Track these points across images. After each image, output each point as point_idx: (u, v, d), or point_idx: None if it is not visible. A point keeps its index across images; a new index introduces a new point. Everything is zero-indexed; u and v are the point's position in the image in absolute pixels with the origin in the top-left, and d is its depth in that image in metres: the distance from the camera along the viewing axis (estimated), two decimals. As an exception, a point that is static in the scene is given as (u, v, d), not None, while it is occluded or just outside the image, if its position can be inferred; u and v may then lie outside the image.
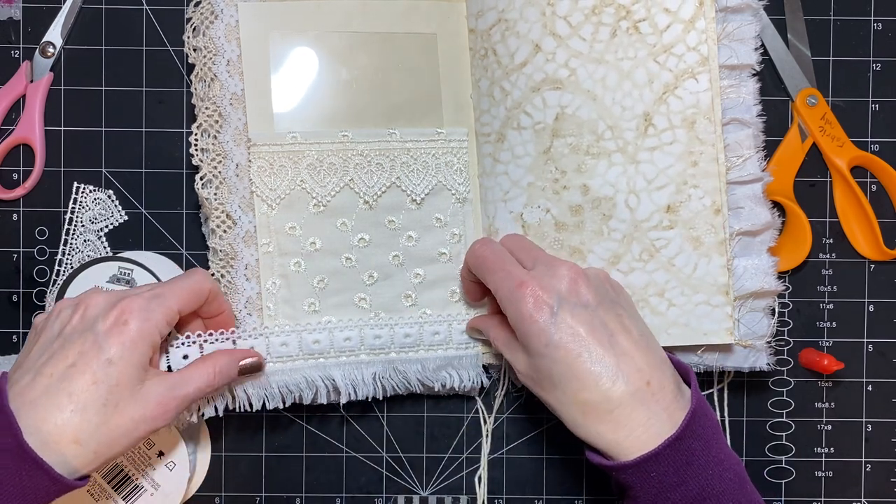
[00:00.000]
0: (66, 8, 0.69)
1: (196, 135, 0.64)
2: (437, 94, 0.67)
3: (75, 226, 0.69)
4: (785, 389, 0.71)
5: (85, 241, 0.69)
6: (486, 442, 0.71)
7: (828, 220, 0.71)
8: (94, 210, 0.70)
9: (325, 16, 0.66)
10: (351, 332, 0.65)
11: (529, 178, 0.64)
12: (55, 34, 0.70)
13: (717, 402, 0.70)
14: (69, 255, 0.69)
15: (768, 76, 0.70)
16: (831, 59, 0.71)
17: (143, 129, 0.70)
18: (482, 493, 0.71)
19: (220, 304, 0.62)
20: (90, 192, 0.70)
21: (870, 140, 0.71)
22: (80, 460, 0.53)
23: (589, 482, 0.71)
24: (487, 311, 0.67)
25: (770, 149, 0.68)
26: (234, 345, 0.62)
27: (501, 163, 0.65)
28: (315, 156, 0.65)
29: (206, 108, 0.65)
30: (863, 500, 0.71)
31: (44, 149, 0.70)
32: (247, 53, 0.65)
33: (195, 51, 0.65)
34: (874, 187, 0.71)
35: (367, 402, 0.70)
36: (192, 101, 0.65)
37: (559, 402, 0.55)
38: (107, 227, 0.70)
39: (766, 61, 0.70)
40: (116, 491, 0.64)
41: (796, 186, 0.70)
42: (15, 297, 0.70)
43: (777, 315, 0.65)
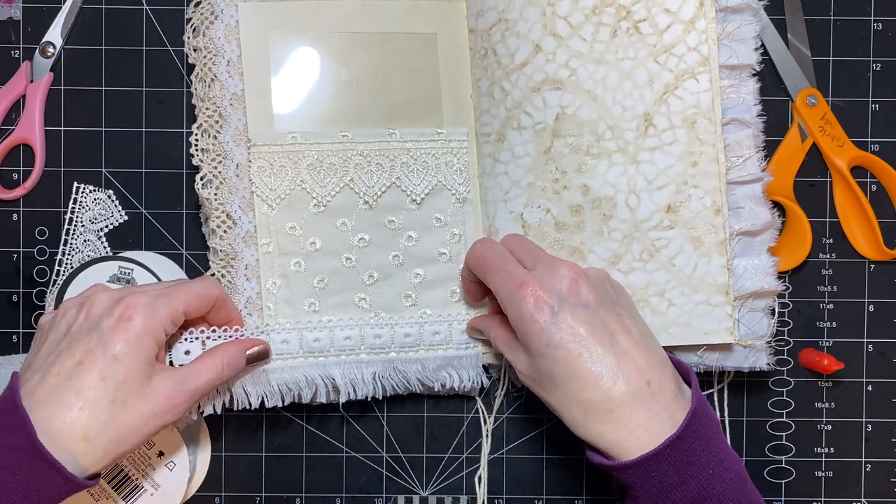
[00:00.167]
0: (66, 8, 0.69)
1: (196, 135, 0.64)
2: (437, 94, 0.67)
3: (75, 226, 0.69)
4: (785, 389, 0.71)
5: (85, 241, 0.69)
6: (486, 442, 0.71)
7: (828, 220, 0.71)
8: (94, 210, 0.70)
9: (325, 16, 0.66)
10: (351, 331, 0.66)
11: (529, 178, 0.64)
12: (55, 34, 0.70)
13: (717, 402, 0.70)
14: (69, 255, 0.69)
15: (768, 76, 0.70)
16: (831, 59, 0.71)
17: (143, 129, 0.70)
18: (482, 493, 0.71)
19: (228, 311, 0.62)
20: (90, 192, 0.70)
21: (870, 140, 0.71)
22: (90, 458, 0.53)
23: (589, 482, 0.71)
24: (488, 311, 0.67)
25: (770, 149, 0.68)
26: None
27: (501, 163, 0.65)
28: (315, 156, 0.65)
29: (207, 109, 0.65)
30: (863, 500, 0.71)
31: (44, 149, 0.70)
32: (247, 54, 0.65)
33: (195, 51, 0.65)
34: (874, 187, 0.71)
35: (367, 402, 0.70)
36: (193, 102, 0.65)
37: (560, 401, 0.55)
38: (107, 227, 0.70)
39: (766, 61, 0.70)
40: (116, 491, 0.64)
41: (796, 186, 0.70)
42: (15, 297, 0.70)
43: (777, 315, 0.65)
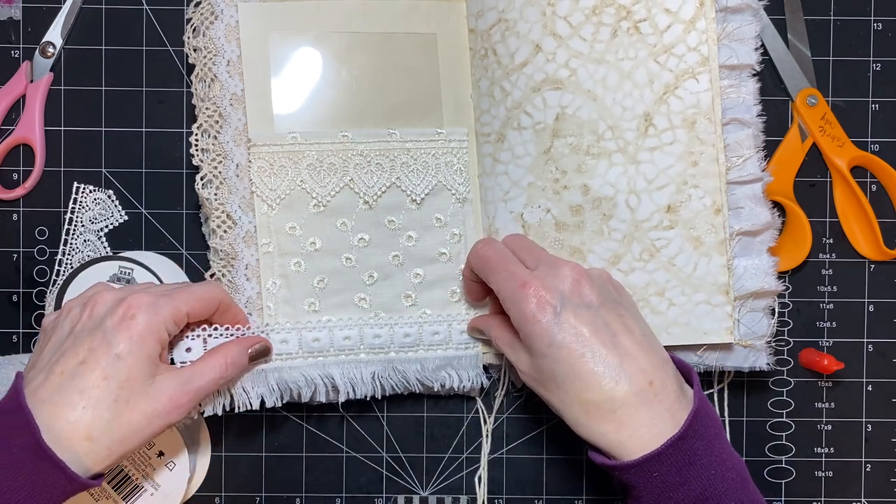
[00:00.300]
0: (66, 8, 0.69)
1: (196, 135, 0.64)
2: (437, 94, 0.67)
3: (75, 226, 0.69)
4: (785, 389, 0.71)
5: (85, 241, 0.69)
6: (486, 442, 0.71)
7: (828, 220, 0.71)
8: (94, 210, 0.70)
9: (325, 16, 0.66)
10: (350, 330, 0.66)
11: (530, 178, 0.64)
12: (55, 34, 0.70)
13: (717, 402, 0.70)
14: (69, 255, 0.69)
15: (768, 76, 0.70)
16: (831, 59, 0.71)
17: (143, 129, 0.70)
18: (482, 493, 0.71)
19: (233, 315, 0.62)
20: (90, 192, 0.70)
21: (870, 140, 0.71)
22: (93, 457, 0.53)
23: (589, 482, 0.71)
24: (489, 311, 0.67)
25: (770, 149, 0.68)
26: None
27: (501, 163, 0.65)
28: (315, 156, 0.65)
29: (207, 109, 0.65)
30: (863, 500, 0.71)
31: (44, 149, 0.70)
32: (247, 54, 0.65)
33: (195, 51, 0.65)
34: (874, 187, 0.71)
35: (367, 402, 0.70)
36: (193, 102, 0.65)
37: (562, 402, 0.55)
38: (107, 227, 0.70)
39: (766, 61, 0.70)
40: (116, 491, 0.64)
41: (796, 186, 0.70)
42: (15, 297, 0.70)
43: (777, 315, 0.65)
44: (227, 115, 0.65)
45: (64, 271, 0.69)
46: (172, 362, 0.60)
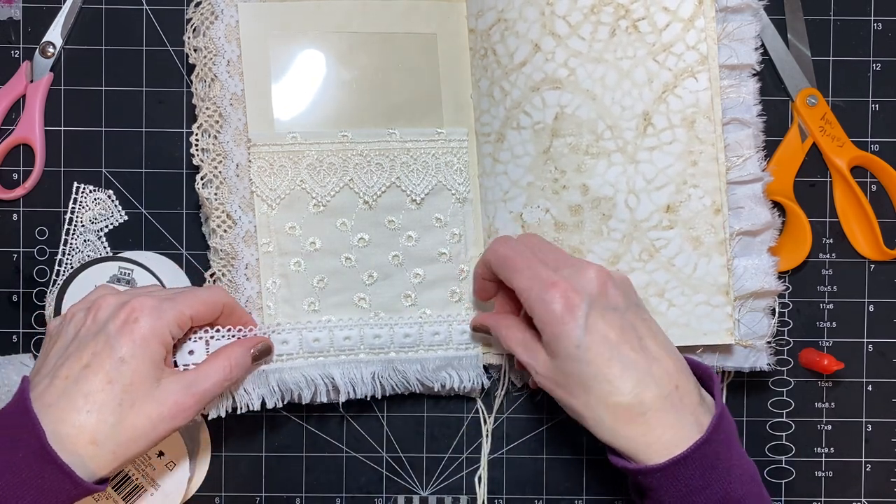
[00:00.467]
0: (66, 8, 0.70)
1: (197, 135, 0.64)
2: (437, 94, 0.67)
3: (75, 226, 0.70)
4: (785, 389, 0.71)
5: (85, 241, 0.69)
6: (486, 442, 0.71)
7: (828, 220, 0.71)
8: (94, 210, 0.70)
9: (325, 16, 0.66)
10: (351, 331, 0.66)
11: (529, 177, 0.64)
12: (55, 34, 0.70)
13: (717, 403, 0.70)
14: (69, 255, 0.69)
15: (768, 76, 0.70)
16: (831, 59, 0.71)
17: (143, 129, 0.70)
18: (482, 493, 0.71)
19: (238, 318, 0.62)
20: (90, 192, 0.70)
21: (870, 140, 0.71)
22: (98, 462, 0.53)
23: (589, 482, 0.71)
24: (495, 310, 0.66)
25: (770, 149, 0.68)
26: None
27: (501, 163, 0.65)
28: (315, 156, 0.65)
29: (207, 109, 0.65)
30: (863, 500, 0.71)
31: (44, 149, 0.70)
32: (247, 54, 0.65)
33: (195, 51, 0.65)
34: (874, 187, 0.71)
35: (367, 402, 0.70)
36: (193, 102, 0.65)
37: (586, 405, 0.54)
38: (107, 227, 0.70)
39: (766, 61, 0.70)
40: (117, 491, 0.64)
41: (796, 186, 0.70)
42: (15, 297, 0.70)
43: (777, 315, 0.65)
44: (227, 115, 0.65)
45: (64, 271, 0.69)
46: (175, 365, 0.60)
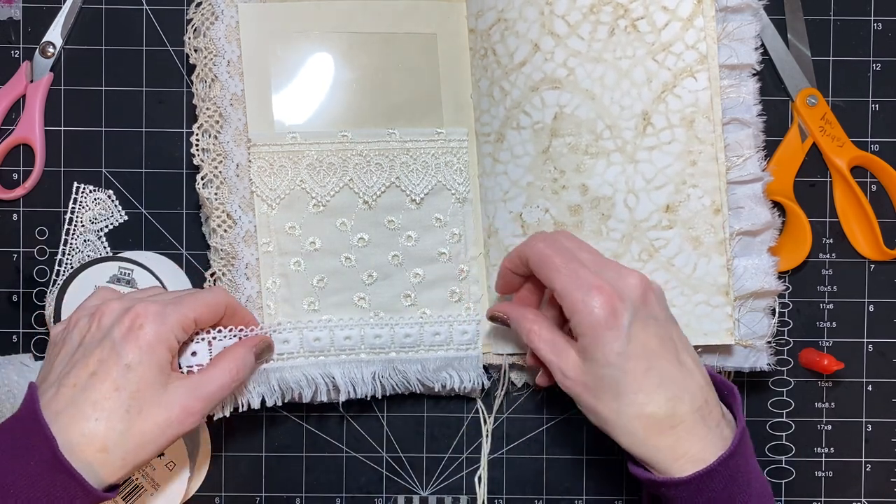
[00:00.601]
0: (66, 8, 0.70)
1: (197, 135, 0.64)
2: (437, 94, 0.67)
3: (75, 226, 0.70)
4: (785, 389, 0.71)
5: (85, 241, 0.70)
6: (486, 442, 0.71)
7: (828, 220, 0.71)
8: (94, 210, 0.70)
9: (325, 16, 0.66)
10: (351, 330, 0.66)
11: (529, 177, 0.64)
12: (55, 34, 0.70)
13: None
14: (69, 255, 0.69)
15: (768, 76, 0.70)
16: (831, 59, 0.71)
17: (143, 129, 0.70)
18: (482, 493, 0.71)
19: (241, 318, 0.62)
20: (90, 192, 0.70)
21: (870, 140, 0.71)
22: (108, 469, 0.52)
23: (589, 482, 0.71)
24: (515, 301, 0.63)
25: (770, 149, 0.68)
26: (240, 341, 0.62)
27: (501, 163, 0.65)
28: (315, 156, 0.65)
29: (207, 109, 0.65)
30: (863, 500, 0.71)
31: (44, 149, 0.70)
32: (247, 54, 0.65)
33: (196, 51, 0.65)
34: (874, 187, 0.71)
35: (367, 402, 0.70)
36: (193, 102, 0.65)
37: (617, 413, 0.54)
38: (107, 227, 0.70)
39: (766, 61, 0.70)
40: (116, 491, 0.64)
41: (796, 186, 0.70)
42: (15, 297, 0.70)
43: (777, 315, 0.65)
44: (227, 115, 0.65)
45: (64, 271, 0.69)
46: (179, 367, 0.60)
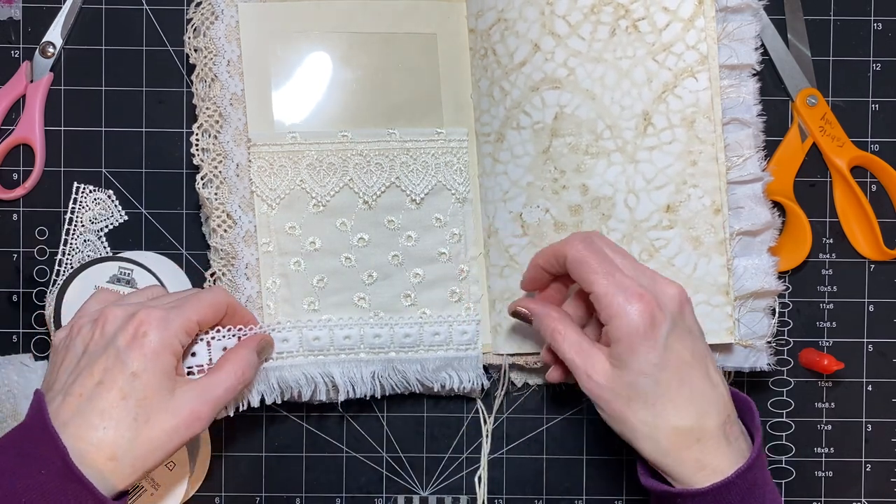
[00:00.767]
0: (66, 8, 0.70)
1: (197, 135, 0.64)
2: (437, 94, 0.67)
3: (75, 226, 0.70)
4: (785, 389, 0.71)
5: (85, 241, 0.70)
6: (486, 442, 0.71)
7: (828, 220, 0.71)
8: (94, 210, 0.70)
9: (325, 16, 0.66)
10: (350, 330, 0.66)
11: (529, 177, 0.64)
12: (55, 34, 0.70)
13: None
14: (69, 255, 0.69)
15: (768, 76, 0.70)
16: (831, 59, 0.71)
17: (143, 129, 0.70)
18: (482, 493, 0.71)
19: (241, 317, 0.62)
20: (90, 192, 0.70)
21: (870, 140, 0.71)
22: (117, 476, 0.52)
23: (589, 482, 0.71)
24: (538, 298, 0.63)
25: (770, 149, 0.68)
26: (239, 340, 0.62)
27: (501, 163, 0.65)
28: (315, 156, 0.65)
29: (207, 109, 0.65)
30: (863, 500, 0.71)
31: (44, 149, 0.70)
32: (247, 54, 0.65)
33: (196, 51, 0.65)
34: (874, 187, 0.71)
35: (366, 402, 0.70)
36: (193, 102, 0.65)
37: (644, 422, 0.54)
38: (107, 227, 0.70)
39: (766, 61, 0.70)
40: (116, 491, 0.64)
41: (796, 186, 0.70)
42: (15, 297, 0.70)
43: (777, 315, 0.65)
44: (227, 115, 0.65)
45: (64, 271, 0.69)
46: None
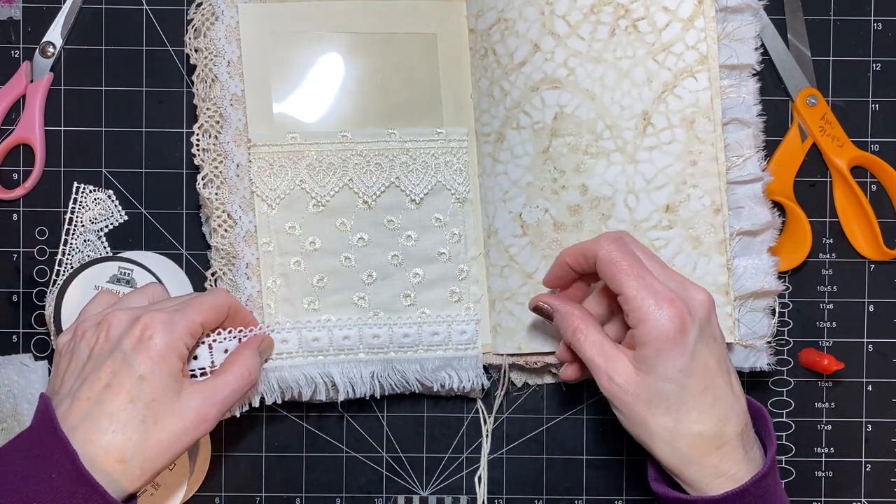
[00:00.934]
0: (66, 8, 0.70)
1: (197, 135, 0.64)
2: (437, 94, 0.67)
3: (75, 226, 0.70)
4: (785, 389, 0.71)
5: (85, 241, 0.70)
6: (486, 442, 0.71)
7: (828, 220, 0.71)
8: (94, 210, 0.70)
9: (324, 16, 0.66)
10: (350, 330, 0.66)
11: (528, 177, 0.64)
12: (55, 34, 0.70)
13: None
14: (69, 255, 0.69)
15: (768, 76, 0.70)
16: (831, 59, 0.71)
17: (143, 129, 0.70)
18: (482, 493, 0.71)
19: (243, 318, 0.62)
20: (90, 192, 0.70)
21: (870, 140, 0.71)
22: (127, 479, 0.52)
23: (589, 482, 0.71)
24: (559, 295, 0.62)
25: (770, 149, 0.68)
26: (240, 342, 0.62)
27: (501, 162, 0.65)
28: (314, 156, 0.65)
29: (207, 109, 0.65)
30: (863, 500, 0.71)
31: (44, 149, 0.70)
32: (247, 54, 0.65)
33: (196, 52, 0.65)
34: (874, 187, 0.71)
35: (366, 402, 0.70)
36: (194, 102, 0.65)
37: (665, 427, 0.54)
38: (107, 227, 0.70)
39: (766, 61, 0.70)
40: (116, 491, 0.64)
41: (796, 186, 0.70)
42: (15, 297, 0.70)
43: (777, 315, 0.65)
44: (227, 116, 0.65)
45: (64, 271, 0.69)
46: None
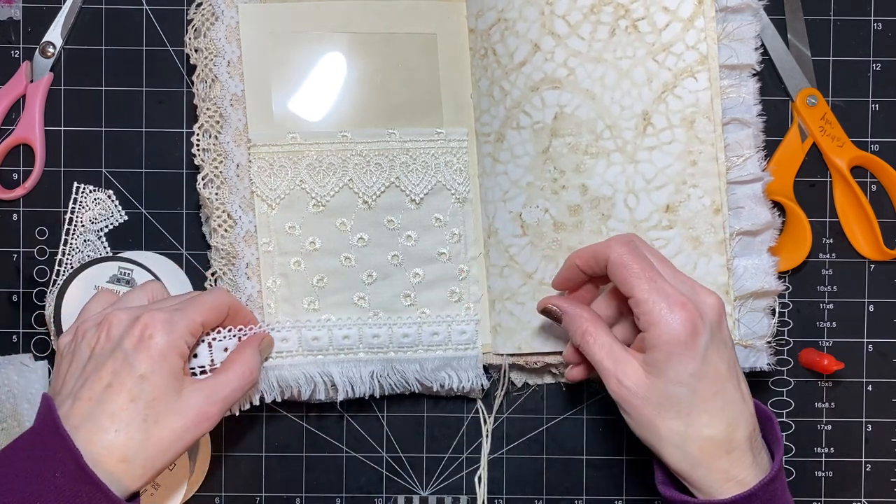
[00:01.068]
0: (66, 8, 0.70)
1: (198, 135, 0.65)
2: (437, 94, 0.67)
3: (75, 226, 0.70)
4: (785, 389, 0.71)
5: (85, 241, 0.70)
6: (486, 442, 0.71)
7: (828, 220, 0.71)
8: (94, 210, 0.70)
9: (324, 16, 0.66)
10: (350, 330, 0.66)
11: (528, 177, 0.64)
12: (55, 34, 0.70)
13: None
14: (69, 255, 0.69)
15: (768, 76, 0.70)
16: (831, 59, 0.71)
17: (143, 129, 0.70)
18: (482, 493, 0.71)
19: (243, 318, 0.62)
20: (90, 192, 0.70)
21: (870, 140, 0.71)
22: (130, 478, 0.52)
23: (589, 482, 0.71)
24: (567, 297, 0.62)
25: (770, 149, 0.68)
26: (240, 340, 0.62)
27: (501, 162, 0.65)
28: (314, 156, 0.65)
29: (208, 109, 0.65)
30: (863, 500, 0.71)
31: (44, 149, 0.70)
32: (247, 54, 0.65)
33: (196, 52, 0.65)
34: (874, 187, 0.71)
35: (366, 402, 0.70)
36: (194, 102, 0.65)
37: (674, 431, 0.54)
38: (107, 227, 0.70)
39: (766, 61, 0.70)
40: (116, 491, 0.64)
41: (796, 186, 0.70)
42: (15, 297, 0.70)
43: (777, 315, 0.65)
44: (227, 116, 0.65)
45: (64, 271, 0.69)
46: None
